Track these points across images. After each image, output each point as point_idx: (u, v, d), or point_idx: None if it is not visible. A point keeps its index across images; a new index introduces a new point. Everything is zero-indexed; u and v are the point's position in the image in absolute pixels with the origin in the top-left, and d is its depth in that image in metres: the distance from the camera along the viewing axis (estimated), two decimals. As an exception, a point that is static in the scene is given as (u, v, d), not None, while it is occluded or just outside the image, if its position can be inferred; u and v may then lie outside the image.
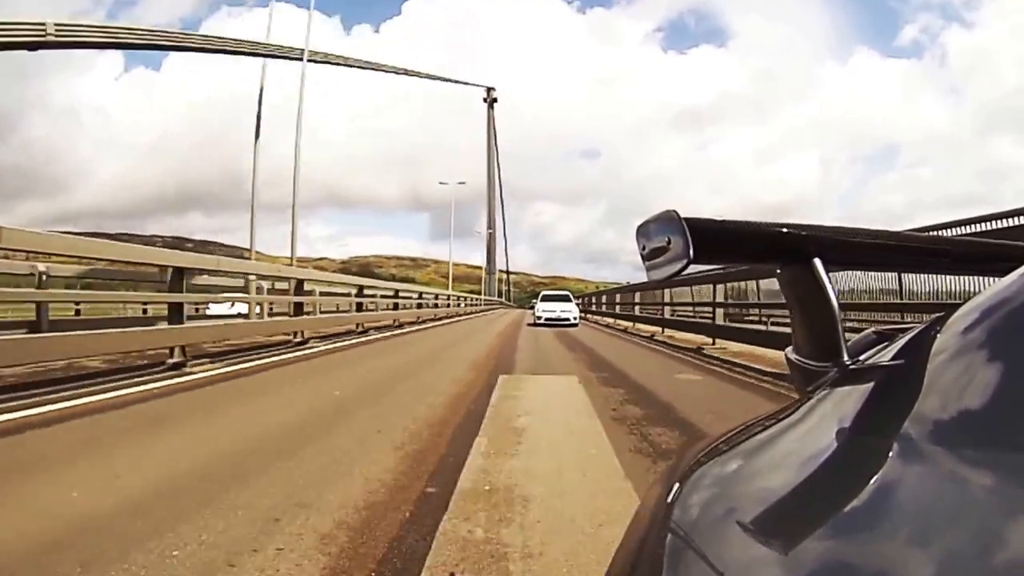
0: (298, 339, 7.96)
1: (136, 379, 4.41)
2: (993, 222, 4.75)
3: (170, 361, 5.10)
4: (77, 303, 9.38)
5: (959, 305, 0.35)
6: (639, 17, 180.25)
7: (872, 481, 0.28)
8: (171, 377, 4.63)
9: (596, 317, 20.54)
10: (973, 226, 4.95)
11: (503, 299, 44.35)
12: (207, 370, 5.08)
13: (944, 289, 6.37)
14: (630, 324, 14.90)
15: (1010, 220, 4.63)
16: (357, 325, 10.80)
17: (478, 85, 46.80)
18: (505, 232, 50.88)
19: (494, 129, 47.98)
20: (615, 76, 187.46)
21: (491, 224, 47.96)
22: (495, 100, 47.89)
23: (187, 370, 4.99)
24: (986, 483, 0.24)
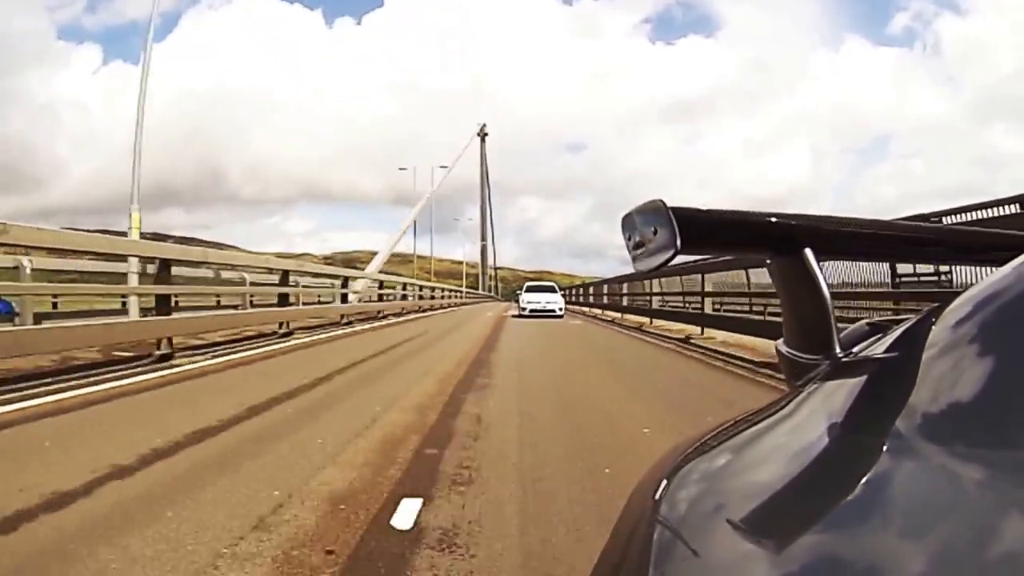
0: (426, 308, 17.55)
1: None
2: (989, 210, 4.79)
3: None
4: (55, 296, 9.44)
5: (956, 295, 0.34)
6: (626, 8, 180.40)
7: (863, 476, 0.27)
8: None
9: (574, 307, 23.75)
10: (970, 214, 4.99)
11: (493, 293, 53.33)
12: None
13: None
14: (600, 311, 18.90)
15: (1006, 207, 4.64)
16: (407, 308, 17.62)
17: (475, 134, 54.65)
18: (493, 232, 59.83)
19: (486, 160, 56.35)
20: (601, 68, 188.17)
21: (484, 238, 58.30)
22: (486, 134, 55.84)
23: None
24: (979, 479, 0.24)
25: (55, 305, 9.64)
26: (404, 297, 17.64)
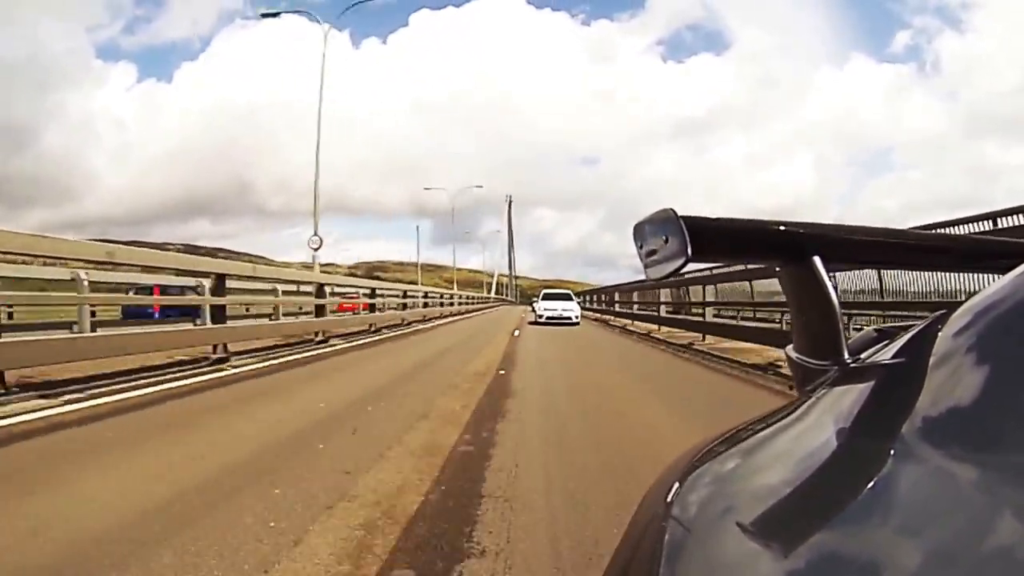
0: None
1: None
2: (987, 221, 4.81)
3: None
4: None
5: (961, 303, 0.35)
6: (640, 31, 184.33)
7: (869, 480, 0.28)
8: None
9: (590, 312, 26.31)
10: (971, 225, 5.04)
11: (513, 299, 67.74)
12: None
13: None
14: (600, 314, 21.32)
15: (1009, 219, 4.68)
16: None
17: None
18: (512, 247, 76.13)
19: (511, 220, 75.21)
20: (616, 85, 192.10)
21: (509, 267, 78.17)
22: (512, 201, 76.23)
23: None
24: (983, 484, 0.24)
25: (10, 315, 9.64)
26: (441, 304, 22.74)
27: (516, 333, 11.98)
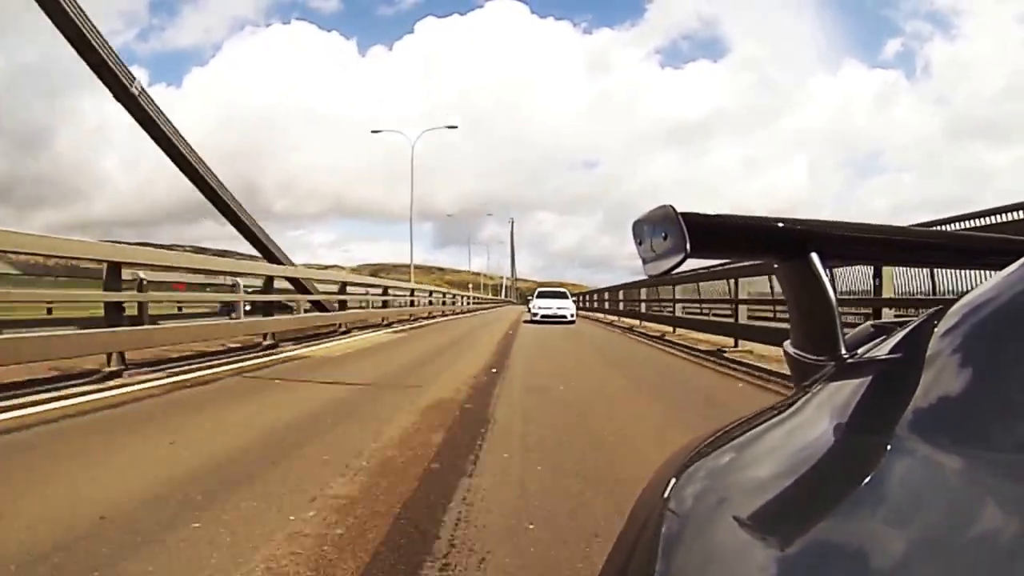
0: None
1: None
2: (979, 219, 4.89)
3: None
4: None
5: (957, 299, 0.35)
6: (639, 39, 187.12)
7: (865, 475, 0.28)
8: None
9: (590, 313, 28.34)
10: (965, 223, 5.16)
11: (513, 299, 72.25)
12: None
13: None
14: (593, 312, 23.38)
15: (999, 216, 4.77)
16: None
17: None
18: (513, 259, 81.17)
19: (513, 238, 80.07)
20: (616, 91, 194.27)
21: (512, 274, 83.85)
22: (513, 221, 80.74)
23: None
24: (977, 478, 0.24)
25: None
26: (449, 303, 24.37)
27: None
